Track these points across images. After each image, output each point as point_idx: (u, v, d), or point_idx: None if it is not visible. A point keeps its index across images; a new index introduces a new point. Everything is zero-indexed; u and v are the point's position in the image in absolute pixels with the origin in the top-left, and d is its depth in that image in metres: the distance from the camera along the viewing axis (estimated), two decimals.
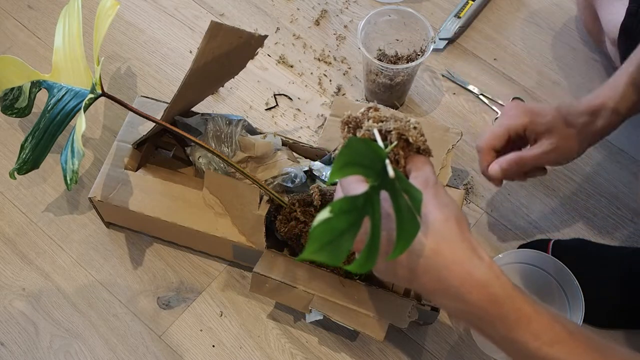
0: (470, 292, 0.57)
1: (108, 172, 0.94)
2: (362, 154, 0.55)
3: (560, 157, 0.85)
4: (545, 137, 0.83)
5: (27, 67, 0.92)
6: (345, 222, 0.52)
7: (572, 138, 0.83)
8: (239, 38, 0.87)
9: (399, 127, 0.63)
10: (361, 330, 0.83)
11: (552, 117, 0.83)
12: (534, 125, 0.84)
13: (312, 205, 0.87)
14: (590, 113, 0.83)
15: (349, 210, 0.53)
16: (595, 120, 0.83)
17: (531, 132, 0.85)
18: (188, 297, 0.95)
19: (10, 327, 0.93)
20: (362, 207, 0.54)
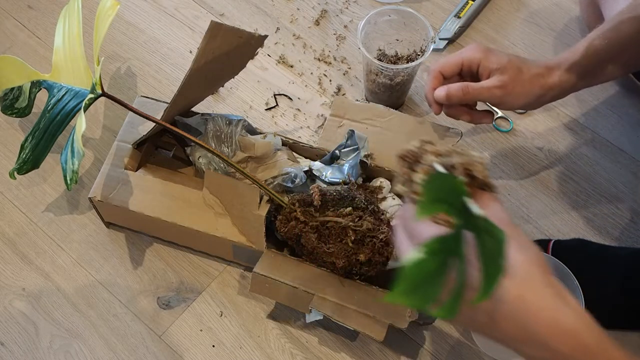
0: (559, 342, 0.54)
1: (108, 172, 0.94)
2: (444, 190, 0.52)
3: (505, 97, 0.86)
4: (496, 74, 0.86)
5: (27, 67, 0.92)
6: (436, 263, 0.50)
7: (522, 84, 0.86)
8: (239, 38, 0.87)
9: (464, 161, 0.59)
10: (361, 330, 0.83)
11: (507, 60, 0.86)
12: (487, 61, 0.87)
13: (312, 205, 0.87)
14: (544, 67, 0.86)
15: (440, 251, 0.50)
16: (548, 75, 0.86)
17: (484, 69, 0.87)
18: (188, 297, 0.95)
19: (10, 327, 0.93)
20: (451, 248, 0.51)
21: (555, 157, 1.08)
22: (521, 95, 0.86)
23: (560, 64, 0.86)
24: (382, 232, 0.85)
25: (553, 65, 0.87)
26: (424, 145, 0.62)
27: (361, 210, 0.87)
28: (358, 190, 0.90)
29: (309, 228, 0.86)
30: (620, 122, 1.11)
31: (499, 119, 1.11)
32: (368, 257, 0.85)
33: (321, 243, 0.86)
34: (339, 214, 0.87)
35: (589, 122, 1.11)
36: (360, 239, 0.85)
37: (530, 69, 0.86)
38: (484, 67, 0.87)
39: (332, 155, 0.96)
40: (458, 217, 0.52)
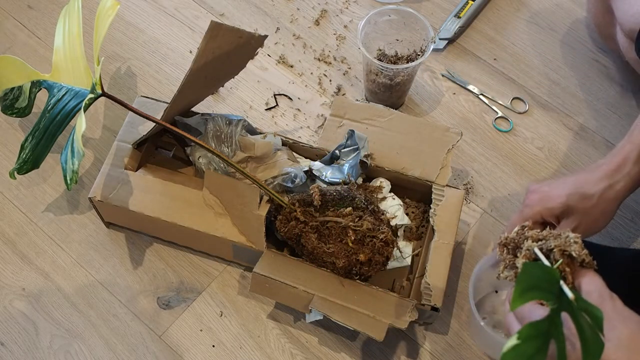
0: None
1: (108, 172, 0.94)
2: (538, 277, 0.57)
3: (585, 233, 0.79)
4: (564, 218, 0.80)
5: (27, 67, 0.92)
6: (533, 348, 0.54)
7: (596, 209, 0.79)
8: (239, 38, 0.87)
9: (560, 243, 0.65)
10: (361, 330, 0.83)
11: (564, 195, 0.79)
12: (548, 211, 0.80)
13: (312, 205, 0.87)
14: (606, 176, 0.79)
15: (535, 335, 0.55)
16: (615, 183, 0.79)
17: (550, 217, 0.81)
18: (188, 297, 0.95)
19: (10, 327, 0.93)
20: (546, 331, 0.55)
21: (555, 157, 1.08)
22: (600, 220, 0.80)
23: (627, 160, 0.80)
24: (382, 232, 0.85)
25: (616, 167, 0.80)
26: (524, 231, 0.68)
27: (361, 210, 0.87)
28: (358, 190, 0.90)
29: (309, 228, 0.86)
30: (620, 122, 1.11)
31: (499, 119, 1.11)
32: (368, 257, 0.85)
33: (321, 243, 0.86)
34: (339, 214, 0.87)
35: (589, 122, 1.11)
36: (360, 239, 0.85)
37: (594, 188, 0.79)
38: (548, 215, 0.80)
39: (332, 155, 0.96)
40: (554, 301, 0.57)
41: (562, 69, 1.16)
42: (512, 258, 0.70)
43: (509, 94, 1.13)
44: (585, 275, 0.63)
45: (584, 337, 0.55)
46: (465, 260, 0.98)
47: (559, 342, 0.56)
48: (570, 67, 1.16)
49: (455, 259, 0.97)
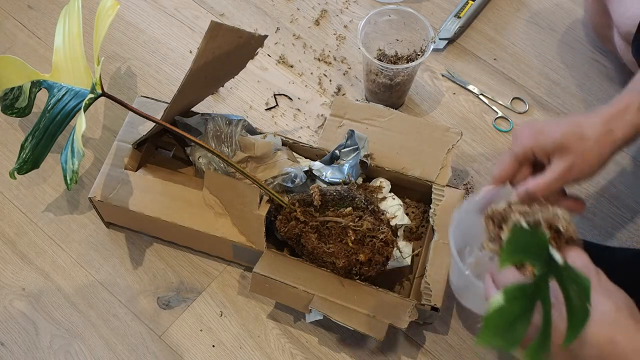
0: None
1: (108, 172, 0.94)
2: (527, 241, 0.56)
3: (578, 176, 0.75)
4: (556, 156, 0.75)
5: (27, 67, 0.92)
6: (518, 308, 0.54)
7: (590, 152, 0.74)
8: (239, 38, 0.87)
9: (547, 217, 0.64)
10: (361, 330, 0.83)
11: (560, 133, 0.75)
12: (540, 146, 0.76)
13: (312, 205, 0.87)
14: (607, 119, 0.75)
15: (521, 297, 0.54)
16: (616, 128, 0.74)
17: (541, 154, 0.76)
18: (188, 297, 0.95)
19: (10, 327, 0.93)
20: (532, 294, 0.55)
21: None
22: (594, 164, 0.74)
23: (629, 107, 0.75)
24: (382, 232, 0.85)
25: (618, 113, 0.75)
26: (510, 206, 0.67)
27: (361, 210, 0.87)
28: (358, 190, 0.90)
29: (309, 228, 0.86)
30: None
31: (499, 119, 1.11)
32: (368, 257, 0.85)
33: (321, 243, 0.86)
34: (339, 214, 0.87)
35: None
36: (360, 239, 0.85)
37: (592, 130, 0.74)
38: (540, 153, 0.76)
39: (332, 155, 0.96)
40: (542, 265, 0.56)
41: (562, 69, 1.16)
42: (498, 231, 0.68)
43: (509, 94, 1.13)
44: (572, 250, 0.62)
45: (570, 304, 0.54)
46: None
47: (545, 306, 0.55)
48: (570, 67, 1.16)
49: None
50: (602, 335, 0.56)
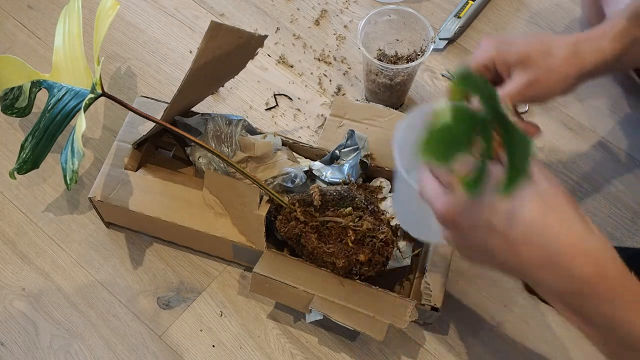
0: (580, 266, 0.51)
1: (108, 172, 0.94)
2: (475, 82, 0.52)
3: (539, 93, 0.71)
4: (518, 69, 0.70)
5: (27, 66, 0.92)
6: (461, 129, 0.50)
7: (555, 70, 0.70)
8: (239, 38, 0.87)
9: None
10: (361, 330, 0.83)
11: (525, 45, 0.70)
12: (502, 55, 0.71)
13: (312, 205, 0.87)
14: (579, 42, 0.71)
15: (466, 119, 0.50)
16: (586, 51, 0.71)
17: (502, 67, 0.72)
18: (188, 297, 0.95)
19: (10, 327, 0.93)
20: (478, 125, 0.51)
21: (555, 157, 1.08)
22: (558, 84, 0.71)
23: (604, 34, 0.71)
24: (382, 232, 0.85)
25: (587, 38, 0.71)
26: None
27: (361, 210, 0.87)
28: (358, 190, 0.90)
29: (309, 228, 0.86)
30: (620, 122, 1.11)
31: None
32: (368, 257, 0.85)
33: (321, 243, 0.86)
34: (339, 214, 0.87)
35: (589, 122, 1.11)
36: (360, 239, 0.85)
37: (560, 48, 0.70)
38: (501, 63, 0.71)
39: (332, 155, 0.96)
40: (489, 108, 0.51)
41: None
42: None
43: None
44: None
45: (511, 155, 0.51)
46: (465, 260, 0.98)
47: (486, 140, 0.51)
48: None
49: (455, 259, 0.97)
50: (535, 215, 0.52)
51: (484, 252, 0.55)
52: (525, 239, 0.52)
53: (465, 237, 0.56)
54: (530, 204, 0.52)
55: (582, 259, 0.52)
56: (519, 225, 0.52)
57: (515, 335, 0.93)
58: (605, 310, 0.52)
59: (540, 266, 0.53)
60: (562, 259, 0.52)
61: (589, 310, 0.53)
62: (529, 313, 0.94)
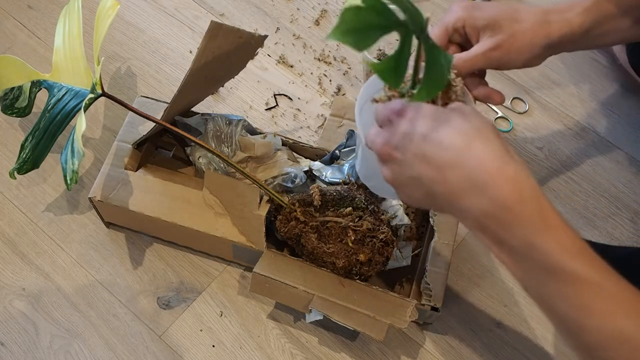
0: (500, 188, 0.54)
1: (108, 172, 0.94)
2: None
3: (505, 57, 0.72)
4: (487, 34, 0.72)
5: (27, 66, 0.92)
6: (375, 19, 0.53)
7: (522, 36, 0.71)
8: (239, 38, 0.87)
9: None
10: (361, 330, 0.83)
11: (495, 10, 0.72)
12: (472, 20, 0.72)
13: (312, 205, 0.87)
14: (548, 12, 0.72)
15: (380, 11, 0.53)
16: (554, 21, 0.72)
17: (471, 29, 0.73)
18: (188, 297, 0.95)
19: (10, 327, 0.93)
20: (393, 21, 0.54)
21: (555, 157, 1.08)
22: (523, 50, 0.72)
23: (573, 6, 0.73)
24: (382, 232, 0.85)
25: (555, 9, 0.73)
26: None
27: (361, 210, 0.87)
28: (358, 190, 0.90)
29: (309, 228, 0.86)
30: (620, 122, 1.11)
31: (499, 119, 1.11)
32: (368, 257, 0.85)
33: (321, 243, 0.86)
34: (339, 214, 0.87)
35: (589, 122, 1.11)
36: (360, 239, 0.85)
37: (528, 16, 0.72)
38: (471, 27, 0.73)
39: (332, 155, 0.96)
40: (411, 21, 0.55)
41: (562, 68, 1.16)
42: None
43: (509, 94, 1.13)
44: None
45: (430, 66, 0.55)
46: (465, 260, 0.99)
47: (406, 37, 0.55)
48: (570, 67, 1.16)
49: (455, 259, 0.97)
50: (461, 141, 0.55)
51: (418, 184, 0.58)
52: (452, 163, 0.55)
53: (401, 171, 0.59)
54: (459, 133, 0.56)
55: (503, 182, 0.54)
56: (447, 151, 0.56)
57: (515, 335, 0.93)
58: (521, 234, 0.54)
59: (464, 191, 0.55)
60: (483, 184, 0.54)
61: (507, 235, 0.55)
62: (529, 313, 0.94)
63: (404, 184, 0.60)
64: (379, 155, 0.61)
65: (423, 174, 0.57)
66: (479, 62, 0.72)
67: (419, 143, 0.57)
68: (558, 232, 0.54)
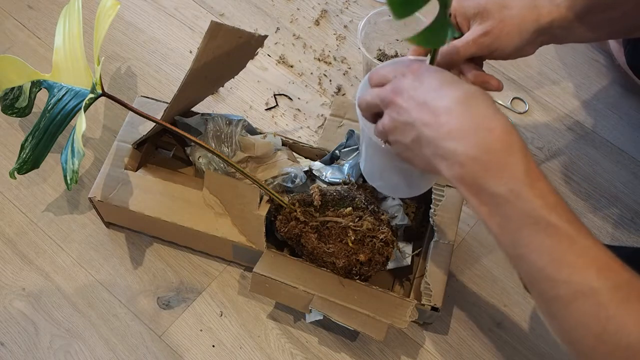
0: (490, 133, 0.56)
1: (108, 172, 0.94)
2: None
3: (495, 42, 0.73)
4: (477, 20, 0.73)
5: (28, 66, 0.92)
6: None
7: (511, 21, 0.72)
8: (239, 38, 0.87)
9: None
10: (361, 330, 0.83)
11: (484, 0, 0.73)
12: (462, 8, 0.74)
13: (312, 205, 0.87)
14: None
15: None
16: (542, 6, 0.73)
17: (462, 19, 0.75)
18: (188, 297, 0.95)
19: (10, 327, 0.93)
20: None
21: (555, 157, 1.08)
22: (513, 35, 0.72)
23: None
24: (382, 232, 0.85)
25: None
26: None
27: (361, 210, 0.87)
28: (358, 190, 0.90)
29: (309, 228, 0.86)
30: (620, 122, 1.11)
31: None
32: (368, 257, 0.85)
33: (321, 243, 0.86)
34: (339, 214, 0.87)
35: (589, 122, 1.11)
36: (360, 239, 0.85)
37: (517, 1, 0.73)
38: (461, 16, 0.74)
39: (332, 155, 0.96)
40: None
41: (562, 69, 1.16)
42: None
43: (509, 94, 1.13)
44: None
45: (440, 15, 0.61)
46: (465, 260, 0.99)
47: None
48: (570, 67, 1.16)
49: (455, 259, 0.97)
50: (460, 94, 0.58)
51: (410, 129, 0.61)
52: (448, 109, 0.58)
53: (398, 116, 0.62)
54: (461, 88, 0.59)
55: (494, 128, 0.57)
56: (446, 98, 0.59)
57: (515, 335, 0.93)
58: (506, 181, 0.55)
59: (455, 132, 0.57)
60: (477, 125, 0.57)
61: (491, 181, 0.56)
62: (529, 313, 0.94)
63: (396, 129, 0.62)
64: (383, 100, 0.63)
65: (417, 118, 0.60)
66: (471, 49, 0.73)
67: (423, 92, 0.60)
68: (541, 183, 0.56)
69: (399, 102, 0.62)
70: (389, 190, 0.81)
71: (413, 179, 0.74)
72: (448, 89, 0.59)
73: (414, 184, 0.76)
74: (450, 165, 0.58)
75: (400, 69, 0.64)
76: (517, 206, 0.55)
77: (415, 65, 0.63)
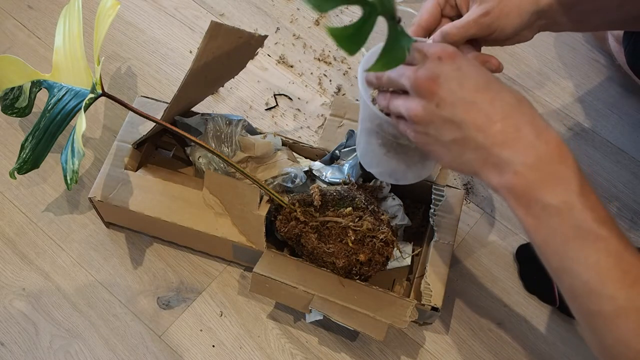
0: (547, 144, 0.57)
1: (108, 172, 0.94)
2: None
3: (495, 23, 0.72)
4: (477, 2, 0.73)
5: (28, 66, 0.92)
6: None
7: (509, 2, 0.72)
8: (239, 38, 0.87)
9: None
10: (361, 330, 0.83)
11: None
12: None
13: (312, 205, 0.87)
14: None
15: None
16: None
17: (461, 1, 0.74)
18: (188, 297, 0.95)
19: (10, 327, 0.93)
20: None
21: None
22: (513, 16, 0.72)
23: None
24: (382, 232, 0.85)
25: None
26: None
27: (361, 210, 0.87)
28: (358, 190, 0.90)
29: (309, 228, 0.86)
30: (620, 122, 1.11)
31: None
32: (368, 257, 0.85)
33: (321, 243, 0.86)
34: (339, 214, 0.87)
35: (589, 122, 1.11)
36: (360, 239, 0.85)
37: None
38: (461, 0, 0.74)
39: (332, 155, 0.96)
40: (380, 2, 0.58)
41: (562, 69, 1.16)
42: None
43: None
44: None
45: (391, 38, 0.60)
46: (465, 260, 0.99)
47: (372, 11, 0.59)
48: (570, 67, 1.16)
49: (455, 259, 0.97)
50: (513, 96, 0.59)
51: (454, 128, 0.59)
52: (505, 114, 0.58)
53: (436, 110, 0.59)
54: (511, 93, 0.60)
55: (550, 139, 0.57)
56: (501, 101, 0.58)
57: (515, 335, 0.93)
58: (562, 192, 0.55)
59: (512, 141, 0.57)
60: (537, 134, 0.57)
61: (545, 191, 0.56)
62: (529, 313, 0.95)
63: (432, 124, 0.60)
64: (416, 85, 0.60)
65: (467, 119, 0.58)
66: (471, 29, 0.72)
67: (470, 89, 0.58)
68: (593, 196, 0.56)
69: (440, 94, 0.59)
70: (385, 176, 0.81)
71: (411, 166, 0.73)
72: (497, 91, 0.58)
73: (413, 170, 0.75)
74: (501, 174, 0.57)
75: (432, 49, 0.61)
76: (568, 218, 0.55)
77: (450, 49, 0.61)
